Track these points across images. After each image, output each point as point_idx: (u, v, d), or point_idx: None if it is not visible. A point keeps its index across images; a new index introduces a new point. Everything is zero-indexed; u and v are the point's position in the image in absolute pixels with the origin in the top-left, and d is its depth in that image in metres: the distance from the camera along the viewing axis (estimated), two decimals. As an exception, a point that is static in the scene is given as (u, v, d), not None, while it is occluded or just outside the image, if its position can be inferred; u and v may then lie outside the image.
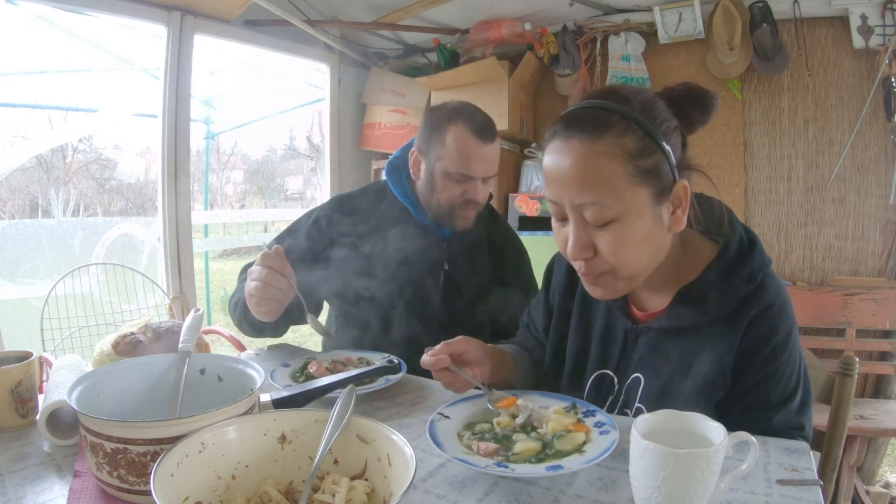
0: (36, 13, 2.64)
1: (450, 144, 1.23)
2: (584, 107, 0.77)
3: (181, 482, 0.57)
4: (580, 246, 0.78)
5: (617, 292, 0.83)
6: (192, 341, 0.87)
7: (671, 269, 0.85)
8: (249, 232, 7.66)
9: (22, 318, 2.60)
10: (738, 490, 0.65)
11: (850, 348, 2.25)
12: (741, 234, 0.85)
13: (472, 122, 1.24)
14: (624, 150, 0.73)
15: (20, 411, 0.82)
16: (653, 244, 0.79)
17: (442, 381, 0.92)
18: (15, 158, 3.36)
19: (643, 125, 0.74)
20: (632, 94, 0.77)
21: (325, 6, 2.81)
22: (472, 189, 1.26)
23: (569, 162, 0.75)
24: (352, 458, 0.64)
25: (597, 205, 0.74)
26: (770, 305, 0.80)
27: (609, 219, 0.75)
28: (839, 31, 2.34)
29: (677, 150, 0.78)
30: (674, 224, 0.79)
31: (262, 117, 5.78)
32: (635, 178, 0.74)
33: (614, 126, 0.74)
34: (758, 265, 0.81)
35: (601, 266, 0.79)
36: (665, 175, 0.76)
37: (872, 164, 2.34)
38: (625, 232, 0.75)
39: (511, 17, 2.73)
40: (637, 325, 0.90)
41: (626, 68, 2.65)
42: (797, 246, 2.48)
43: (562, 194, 0.77)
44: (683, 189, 0.77)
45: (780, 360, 0.79)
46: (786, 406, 0.80)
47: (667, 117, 0.77)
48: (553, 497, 0.66)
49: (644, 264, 0.80)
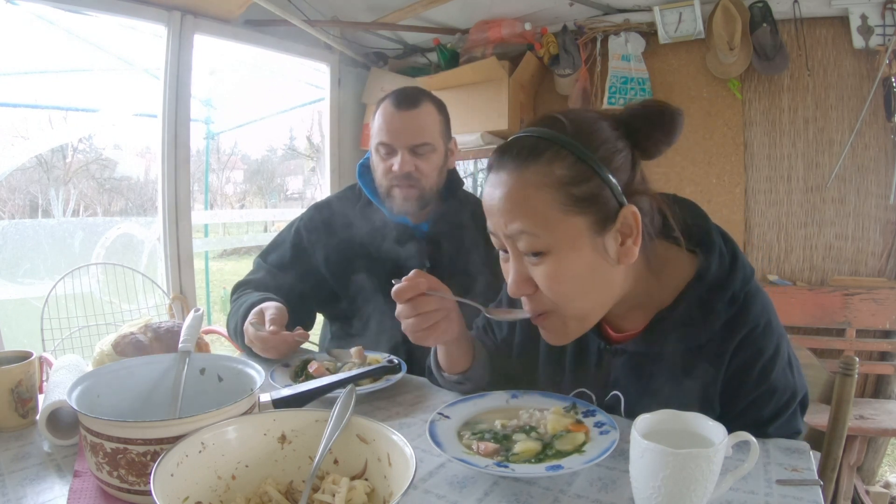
0: (36, 13, 2.64)
1: (376, 119, 1.27)
2: (518, 136, 0.76)
3: (181, 482, 0.57)
4: (519, 280, 0.75)
5: (567, 335, 0.79)
6: (192, 341, 0.87)
7: (641, 294, 0.80)
8: (249, 232, 7.67)
9: (22, 318, 2.60)
10: (738, 490, 0.65)
11: (850, 348, 2.25)
12: (720, 248, 0.79)
13: (395, 95, 1.26)
14: (553, 178, 0.70)
15: (20, 411, 0.82)
16: (597, 279, 0.74)
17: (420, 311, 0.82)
18: (15, 158, 3.36)
19: (576, 151, 0.70)
20: (569, 119, 0.73)
21: (325, 6, 2.81)
22: (397, 160, 1.24)
23: (499, 193, 0.72)
24: (352, 458, 0.64)
25: (525, 234, 0.71)
26: (755, 327, 0.76)
27: (540, 249, 0.71)
28: (839, 31, 2.34)
29: (623, 174, 0.72)
30: (623, 256, 0.73)
31: (262, 117, 5.79)
32: (568, 206, 0.70)
33: (542, 153, 0.71)
34: (739, 285, 0.77)
35: (543, 303, 0.75)
36: (605, 202, 0.71)
37: (872, 164, 2.34)
38: (560, 265, 0.71)
39: (511, 17, 2.73)
40: (611, 346, 0.85)
41: (626, 68, 2.64)
42: (797, 246, 2.48)
43: (495, 225, 0.75)
44: (633, 216, 0.71)
45: (771, 378, 0.77)
46: (780, 418, 0.79)
47: (607, 139, 0.72)
48: (553, 497, 0.66)
49: (592, 302, 0.76)
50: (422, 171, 1.26)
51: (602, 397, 0.88)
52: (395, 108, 1.25)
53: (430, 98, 1.29)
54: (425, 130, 1.26)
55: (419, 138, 1.25)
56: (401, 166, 1.24)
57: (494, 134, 2.76)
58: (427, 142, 1.26)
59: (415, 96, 1.26)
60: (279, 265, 1.36)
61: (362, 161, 1.39)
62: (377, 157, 1.29)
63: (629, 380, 0.84)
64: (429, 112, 1.27)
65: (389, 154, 1.26)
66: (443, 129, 1.31)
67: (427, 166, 1.27)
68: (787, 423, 0.80)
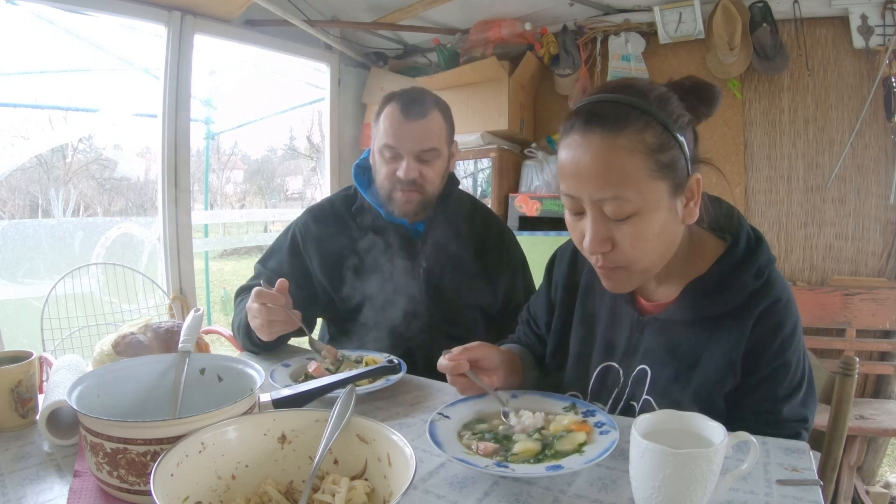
0: (36, 13, 2.64)
1: (381, 121, 1.27)
2: (602, 101, 0.78)
3: (181, 482, 0.57)
4: (599, 240, 0.78)
5: (630, 286, 0.84)
6: (192, 341, 0.87)
7: (680, 262, 0.86)
8: (249, 232, 7.67)
9: (22, 318, 2.60)
10: (738, 490, 0.65)
11: (850, 348, 2.25)
12: (748, 231, 0.86)
13: (401, 99, 1.25)
14: (644, 145, 0.73)
15: (20, 411, 0.82)
16: (668, 237, 0.80)
17: (457, 387, 0.92)
18: (15, 158, 3.36)
19: (661, 120, 0.75)
20: (647, 88, 0.78)
21: (325, 6, 2.81)
22: (401, 165, 1.24)
23: (589, 157, 0.75)
24: (352, 458, 0.64)
25: (618, 200, 0.74)
26: (777, 300, 0.81)
27: (629, 213, 0.75)
28: (839, 31, 2.34)
29: (691, 144, 0.79)
30: (687, 216, 0.80)
31: (262, 117, 5.79)
32: (655, 172, 0.74)
33: (634, 121, 0.74)
34: (765, 261, 0.83)
35: (618, 260, 0.79)
36: (681, 169, 0.77)
37: (872, 164, 2.34)
38: (644, 225, 0.76)
39: (511, 17, 2.73)
40: (644, 316, 0.90)
41: (626, 68, 2.64)
42: (797, 246, 2.48)
43: (581, 189, 0.77)
44: (696, 182, 0.79)
45: (788, 354, 0.80)
46: (793, 398, 0.81)
47: (681, 112, 0.78)
48: (553, 497, 0.66)
49: (658, 257, 0.81)
50: (426, 177, 1.27)
51: (629, 372, 0.90)
52: (404, 115, 1.23)
53: (436, 104, 1.29)
54: (432, 138, 1.26)
55: (426, 145, 1.25)
56: (406, 172, 1.24)
57: (494, 134, 2.76)
58: (433, 147, 1.26)
59: (423, 103, 1.25)
60: (278, 271, 1.36)
61: (358, 162, 1.38)
62: (380, 158, 1.28)
63: (658, 350, 0.87)
64: (436, 118, 1.27)
65: (395, 158, 1.26)
66: (448, 135, 1.31)
67: (431, 172, 1.27)
68: (800, 406, 0.82)
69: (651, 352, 0.88)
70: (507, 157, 2.83)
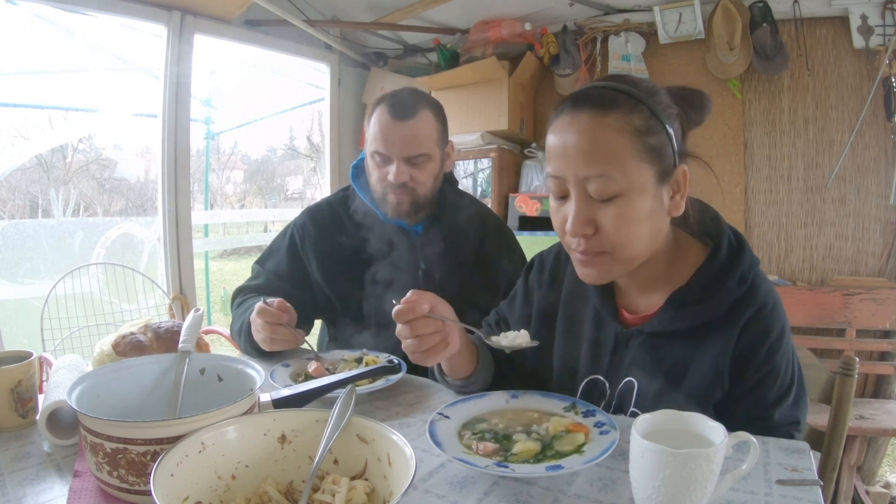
0: (36, 13, 2.64)
1: (372, 125, 1.25)
2: (591, 87, 0.79)
3: (181, 482, 0.57)
4: (581, 221, 0.77)
5: (611, 275, 0.82)
6: (192, 341, 0.87)
7: (664, 266, 0.85)
8: (249, 232, 7.67)
9: (22, 318, 2.60)
10: (738, 490, 0.65)
11: (850, 348, 2.24)
12: (729, 236, 0.85)
13: (391, 102, 1.23)
14: (632, 126, 0.74)
15: (20, 411, 0.82)
16: (653, 225, 0.79)
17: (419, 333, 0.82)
18: (15, 158, 3.36)
19: (649, 105, 0.76)
20: (637, 80, 0.80)
21: (325, 6, 2.81)
22: (391, 169, 1.23)
23: (576, 135, 0.76)
24: (352, 458, 0.64)
25: (603, 177, 0.74)
26: (763, 306, 0.80)
27: (614, 193, 0.75)
28: (839, 31, 2.34)
29: (678, 136, 0.79)
30: (673, 208, 0.80)
31: (262, 117, 5.79)
32: (641, 153, 0.75)
33: (622, 104, 0.75)
34: (748, 266, 0.82)
35: (600, 244, 0.78)
36: (668, 157, 0.77)
37: (872, 164, 2.34)
38: (628, 208, 0.75)
39: (511, 17, 2.73)
40: (627, 329, 0.88)
41: (627, 68, 2.64)
42: (797, 246, 2.48)
43: (566, 168, 0.77)
44: (683, 174, 0.79)
45: (776, 359, 0.80)
46: (783, 402, 0.81)
47: (669, 104, 0.79)
48: (553, 497, 0.66)
49: (643, 246, 0.80)
50: (417, 181, 1.25)
51: (615, 385, 0.89)
52: (391, 116, 1.21)
53: (426, 104, 1.26)
54: (421, 141, 1.23)
55: (415, 149, 1.23)
56: (396, 177, 1.22)
57: (494, 134, 2.76)
58: (423, 152, 1.24)
59: (411, 104, 1.23)
60: (276, 272, 1.36)
61: (355, 163, 1.38)
62: (372, 163, 1.27)
63: (644, 363, 0.86)
64: (426, 120, 1.24)
65: (384, 162, 1.24)
66: (439, 136, 1.28)
67: (422, 175, 1.26)
68: (791, 409, 0.81)
69: (637, 364, 0.86)
70: (507, 156, 2.83)
